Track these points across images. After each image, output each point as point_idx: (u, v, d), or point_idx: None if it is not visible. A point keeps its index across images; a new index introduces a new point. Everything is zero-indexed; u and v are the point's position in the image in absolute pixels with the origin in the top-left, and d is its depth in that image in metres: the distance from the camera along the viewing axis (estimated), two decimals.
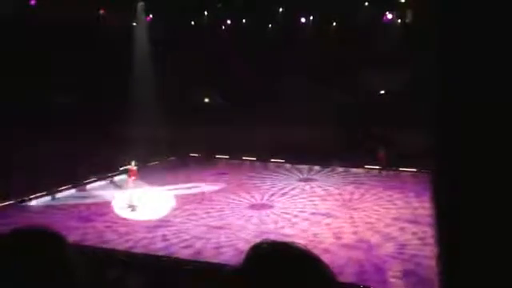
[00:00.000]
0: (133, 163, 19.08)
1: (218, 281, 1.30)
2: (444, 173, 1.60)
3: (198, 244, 14.50)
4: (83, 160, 21.09)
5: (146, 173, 21.86)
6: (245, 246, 14.27)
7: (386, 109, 23.44)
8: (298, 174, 23.89)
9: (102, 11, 23.66)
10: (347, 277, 11.62)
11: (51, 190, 19.68)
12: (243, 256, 1.30)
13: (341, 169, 24.21)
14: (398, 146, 22.60)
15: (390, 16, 24.97)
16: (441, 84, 1.47)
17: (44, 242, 1.49)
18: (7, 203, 18.28)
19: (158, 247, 14.23)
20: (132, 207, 18.05)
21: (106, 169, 22.21)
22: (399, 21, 24.88)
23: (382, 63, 23.40)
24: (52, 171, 19.52)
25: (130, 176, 19.02)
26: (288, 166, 25.31)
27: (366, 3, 24.62)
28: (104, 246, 14.09)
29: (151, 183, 20.99)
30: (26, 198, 18.83)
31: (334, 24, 26.11)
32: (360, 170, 24.07)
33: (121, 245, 14.41)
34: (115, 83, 22.94)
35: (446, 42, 1.44)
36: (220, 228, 15.90)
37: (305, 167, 24.64)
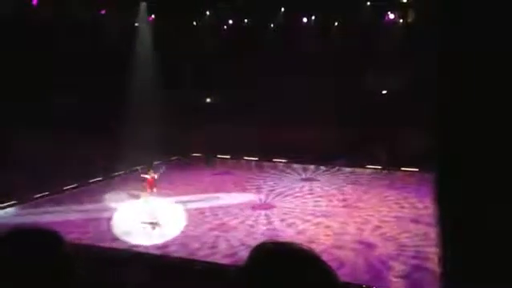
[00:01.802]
0: (151, 172, 17.51)
1: (223, 280, 1.31)
2: (446, 172, 1.60)
3: (198, 244, 14.51)
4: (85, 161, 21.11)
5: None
6: (246, 247, 14.36)
7: (388, 109, 23.42)
8: (300, 173, 23.88)
9: (103, 11, 23.62)
10: (349, 277, 11.60)
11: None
12: (246, 256, 1.31)
13: (342, 168, 24.18)
14: (399, 145, 22.57)
15: (391, 16, 24.92)
16: (442, 84, 1.47)
17: (43, 241, 1.49)
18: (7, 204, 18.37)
19: (157, 247, 14.26)
20: (153, 224, 15.91)
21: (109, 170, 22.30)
22: (401, 21, 24.82)
23: (383, 63, 23.36)
24: (52, 171, 19.57)
25: (146, 187, 17.34)
26: (289, 165, 25.29)
27: (368, 3, 24.57)
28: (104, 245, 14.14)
29: (164, 192, 18.87)
30: None
31: (336, 24, 26.07)
32: (361, 170, 24.04)
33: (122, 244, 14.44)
34: (116, 83, 22.92)
35: (446, 41, 1.44)
36: (221, 229, 15.91)
37: (306, 167, 24.63)
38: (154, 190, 17.39)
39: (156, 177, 17.50)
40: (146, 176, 17.50)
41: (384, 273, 12.50)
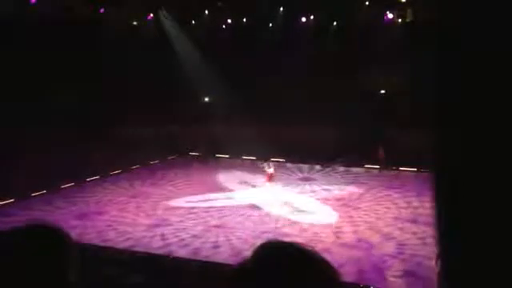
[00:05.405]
0: (271, 167, 20.20)
1: (223, 279, 1.31)
2: (445, 172, 1.60)
3: (197, 243, 14.52)
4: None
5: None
6: (245, 246, 14.31)
7: (386, 108, 23.44)
8: (298, 173, 23.89)
9: (102, 10, 23.56)
10: (347, 276, 11.61)
11: None
12: (247, 255, 1.31)
13: (341, 168, 24.21)
14: (398, 145, 22.60)
15: (390, 15, 24.91)
16: (441, 84, 1.48)
17: (48, 239, 1.49)
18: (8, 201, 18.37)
19: (157, 246, 14.26)
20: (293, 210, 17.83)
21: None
22: (399, 20, 24.83)
23: (382, 63, 23.38)
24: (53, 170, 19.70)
25: (267, 179, 19.93)
26: (288, 165, 25.30)
27: (367, 2, 24.57)
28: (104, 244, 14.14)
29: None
30: None
31: (335, 23, 26.07)
32: (360, 170, 24.07)
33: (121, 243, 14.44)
34: (116, 83, 22.91)
35: (445, 41, 1.45)
36: (219, 227, 15.93)
37: (305, 166, 24.64)
38: (271, 182, 19.98)
39: (273, 171, 20.26)
40: (269, 170, 20.15)
41: (382, 272, 12.51)
